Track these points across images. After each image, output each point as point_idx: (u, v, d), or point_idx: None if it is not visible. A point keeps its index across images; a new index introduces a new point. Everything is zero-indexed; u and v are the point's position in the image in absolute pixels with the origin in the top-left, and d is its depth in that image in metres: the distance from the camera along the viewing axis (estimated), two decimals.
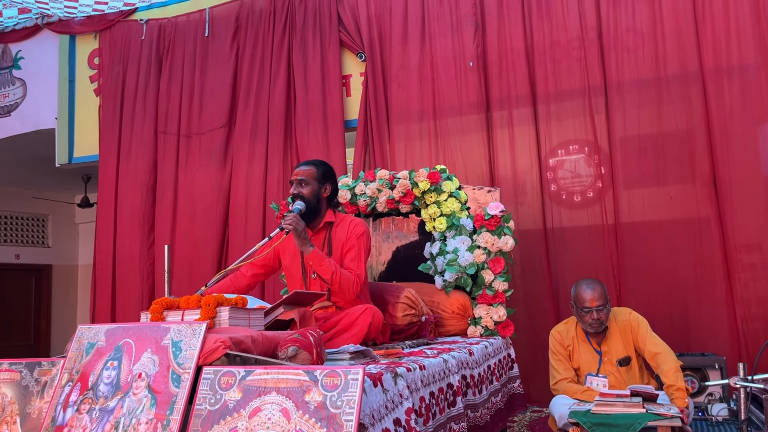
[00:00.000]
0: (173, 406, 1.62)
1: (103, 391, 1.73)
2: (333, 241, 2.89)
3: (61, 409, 1.76)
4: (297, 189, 2.85)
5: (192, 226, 5.17)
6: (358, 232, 2.87)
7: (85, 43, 5.89)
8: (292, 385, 1.55)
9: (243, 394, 1.58)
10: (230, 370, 1.62)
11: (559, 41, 4.41)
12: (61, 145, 5.83)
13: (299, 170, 2.90)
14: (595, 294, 3.10)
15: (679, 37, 4.12)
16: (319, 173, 2.91)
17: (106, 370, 1.76)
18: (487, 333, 3.28)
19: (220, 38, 5.32)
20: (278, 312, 2.27)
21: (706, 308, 3.94)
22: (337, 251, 2.86)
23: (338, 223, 2.93)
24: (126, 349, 1.78)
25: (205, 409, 1.60)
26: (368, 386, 1.64)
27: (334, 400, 1.49)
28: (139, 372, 1.71)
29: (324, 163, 3.01)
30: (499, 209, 3.34)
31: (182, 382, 1.65)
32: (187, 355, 1.69)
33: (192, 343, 1.70)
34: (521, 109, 4.46)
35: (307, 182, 2.87)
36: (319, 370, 1.54)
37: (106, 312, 5.28)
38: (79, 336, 1.89)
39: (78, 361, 1.83)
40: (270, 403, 1.55)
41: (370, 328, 2.55)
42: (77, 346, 1.86)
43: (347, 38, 4.93)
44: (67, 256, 9.19)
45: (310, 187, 2.86)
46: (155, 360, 1.72)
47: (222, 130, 5.18)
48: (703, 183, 4.01)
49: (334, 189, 2.96)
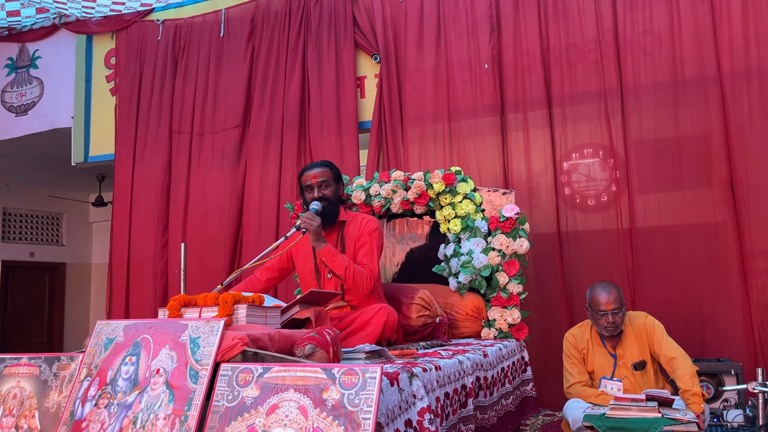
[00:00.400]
0: (191, 402, 1.63)
1: (121, 386, 1.74)
2: (346, 239, 2.90)
3: (80, 404, 1.78)
4: (320, 192, 2.85)
5: (204, 226, 5.20)
6: (370, 228, 2.89)
7: (101, 43, 5.94)
8: (309, 383, 1.55)
9: (260, 391, 1.59)
10: (248, 367, 1.63)
11: (575, 44, 4.40)
12: (77, 144, 5.89)
13: (315, 172, 2.90)
14: (610, 297, 3.09)
15: (697, 39, 4.10)
16: (334, 173, 2.96)
17: (124, 365, 1.78)
18: (500, 335, 3.27)
19: (236, 39, 5.35)
20: (294, 311, 2.28)
21: (722, 313, 3.90)
22: (350, 249, 2.88)
23: (350, 221, 2.96)
24: (144, 344, 1.79)
25: (223, 405, 1.61)
26: (385, 385, 1.65)
27: (352, 398, 1.49)
28: (157, 368, 1.72)
29: (331, 162, 3.04)
30: (514, 211, 3.33)
31: (200, 378, 1.66)
32: (205, 351, 1.70)
33: (210, 340, 1.71)
34: (536, 111, 4.45)
35: (328, 183, 2.89)
36: (337, 368, 1.54)
37: (121, 310, 5.31)
38: (98, 331, 1.90)
39: (96, 356, 1.85)
40: (288, 401, 1.55)
41: (385, 328, 2.56)
42: (96, 342, 1.88)
43: (362, 40, 4.94)
44: (81, 254, 9.27)
45: (331, 188, 2.89)
46: (173, 356, 1.73)
47: (236, 130, 5.21)
48: (720, 187, 3.98)
49: (343, 186, 3.04)
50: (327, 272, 2.87)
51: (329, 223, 2.88)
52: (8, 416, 1.89)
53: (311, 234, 2.69)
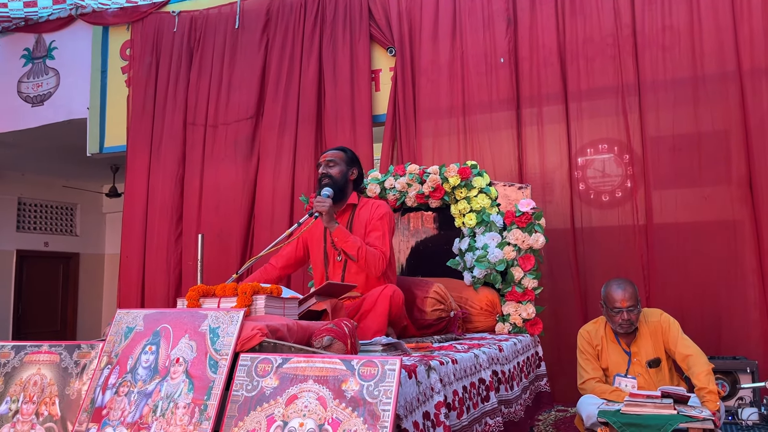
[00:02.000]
0: (210, 392, 1.64)
1: (141, 375, 1.76)
2: (355, 222, 2.93)
3: (100, 392, 1.80)
4: (326, 169, 2.95)
5: (217, 217, 5.22)
6: (381, 212, 2.94)
7: (117, 35, 5.97)
8: (328, 374, 1.56)
9: (280, 381, 1.60)
10: (267, 357, 1.64)
11: (592, 38, 4.37)
12: (92, 134, 5.93)
13: (328, 153, 3.02)
14: (626, 294, 3.07)
15: (718, 35, 4.06)
16: (348, 157, 3.02)
17: (144, 354, 1.79)
18: (515, 330, 3.27)
19: (251, 31, 5.36)
20: (311, 302, 2.29)
21: (738, 311, 3.88)
22: (360, 232, 2.91)
23: (362, 206, 3.00)
24: (164, 334, 1.80)
25: (242, 395, 1.62)
26: (403, 378, 1.65)
27: (371, 389, 1.50)
28: (177, 357, 1.73)
29: (351, 150, 3.10)
30: (530, 206, 3.32)
31: (219, 368, 1.67)
32: (224, 341, 1.71)
33: (230, 330, 1.72)
34: (552, 106, 4.43)
35: (336, 162, 2.96)
36: (356, 360, 1.55)
37: (135, 301, 5.34)
38: (118, 320, 1.92)
39: (117, 344, 1.87)
40: (307, 391, 1.56)
41: (391, 304, 2.58)
42: (116, 330, 1.90)
43: (377, 33, 4.93)
44: (95, 245, 9.35)
45: (338, 168, 2.94)
46: (193, 346, 1.74)
47: (249, 122, 5.22)
48: (739, 184, 3.95)
49: (360, 174, 3.06)
50: (336, 255, 2.91)
51: (333, 200, 2.87)
52: (29, 403, 1.92)
53: (324, 216, 2.71)
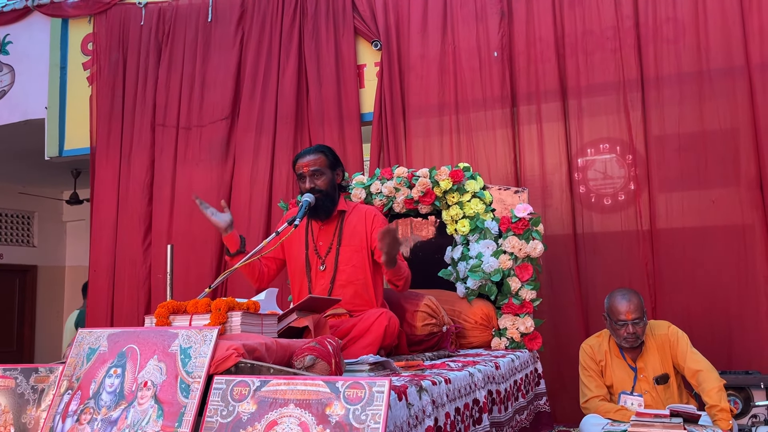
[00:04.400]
0: (182, 418, 1.62)
1: (105, 401, 1.73)
2: (345, 231, 2.92)
3: (60, 419, 1.77)
4: (312, 182, 2.87)
5: (190, 226, 5.16)
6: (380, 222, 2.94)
7: (78, 28, 5.92)
8: (311, 397, 1.55)
9: (258, 405, 1.58)
10: (244, 380, 1.62)
11: (592, 31, 4.40)
12: (51, 136, 5.85)
13: (308, 160, 2.91)
14: (631, 306, 3.09)
15: (724, 28, 4.10)
16: (330, 160, 2.96)
17: (108, 377, 1.77)
18: (512, 345, 3.27)
19: (224, 24, 5.33)
20: (291, 318, 2.27)
21: (750, 322, 3.90)
22: (348, 240, 2.91)
23: (350, 211, 2.99)
24: (130, 355, 1.78)
25: (217, 421, 1.60)
26: (392, 400, 1.64)
27: (358, 414, 1.49)
28: (145, 380, 1.71)
29: (328, 147, 3.06)
30: (527, 211, 3.33)
31: (192, 391, 1.65)
32: (197, 363, 1.69)
33: (202, 351, 1.70)
34: (550, 103, 4.45)
35: (321, 172, 2.90)
36: (341, 382, 1.53)
37: (103, 317, 5.27)
38: (80, 341, 1.89)
39: (78, 367, 1.84)
40: (288, 416, 1.54)
41: (386, 334, 2.57)
42: (77, 352, 1.87)
43: (362, 25, 4.93)
44: (54, 256, 9.23)
45: (325, 177, 2.90)
46: (162, 368, 1.72)
47: (224, 123, 5.18)
48: (748, 186, 3.98)
49: (343, 173, 3.05)
50: (320, 265, 2.91)
51: (324, 216, 2.91)
52: None
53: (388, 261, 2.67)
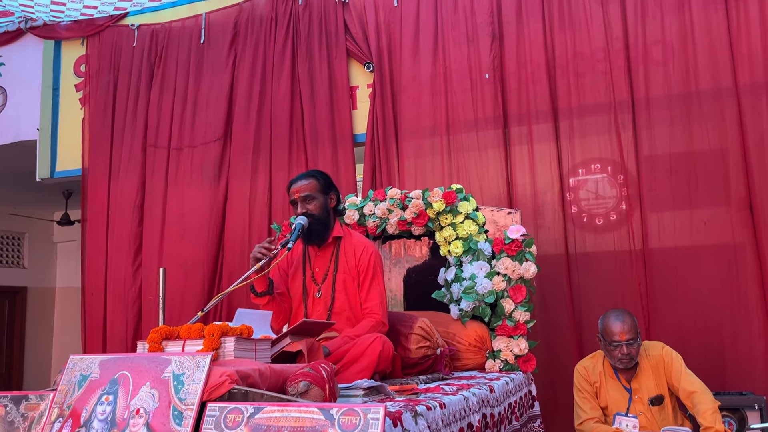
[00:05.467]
0: None
1: (96, 429, 1.71)
2: (340, 259, 2.92)
3: None
4: (303, 208, 2.87)
5: (181, 247, 5.14)
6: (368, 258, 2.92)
7: (71, 49, 5.93)
8: (305, 425, 1.53)
9: None
10: (237, 407, 1.61)
11: (582, 53, 4.44)
12: (42, 157, 5.84)
13: (299, 186, 2.92)
14: (625, 327, 3.10)
15: (712, 51, 4.15)
16: (322, 184, 2.95)
17: (100, 405, 1.75)
18: (506, 367, 3.26)
19: (217, 45, 5.36)
20: (285, 343, 2.26)
21: (743, 343, 3.91)
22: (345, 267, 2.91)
23: (345, 237, 2.99)
24: (122, 382, 1.76)
25: None
26: (388, 426, 1.63)
27: None
28: (137, 408, 1.69)
29: (321, 172, 3.05)
30: (520, 233, 3.34)
31: (185, 419, 1.63)
32: (190, 389, 1.67)
33: (196, 377, 1.69)
34: (541, 124, 4.48)
35: (312, 197, 2.89)
36: (336, 408, 1.52)
37: (98, 341, 5.22)
38: (71, 367, 1.87)
39: (69, 394, 1.82)
40: None
41: (380, 359, 2.55)
42: (68, 378, 1.85)
43: (354, 47, 4.96)
44: (44, 277, 9.17)
45: (316, 202, 2.89)
46: (155, 395, 1.70)
47: (217, 144, 5.18)
48: (739, 207, 4.01)
49: (338, 197, 3.03)
50: (316, 291, 2.90)
51: (317, 240, 2.91)
52: None
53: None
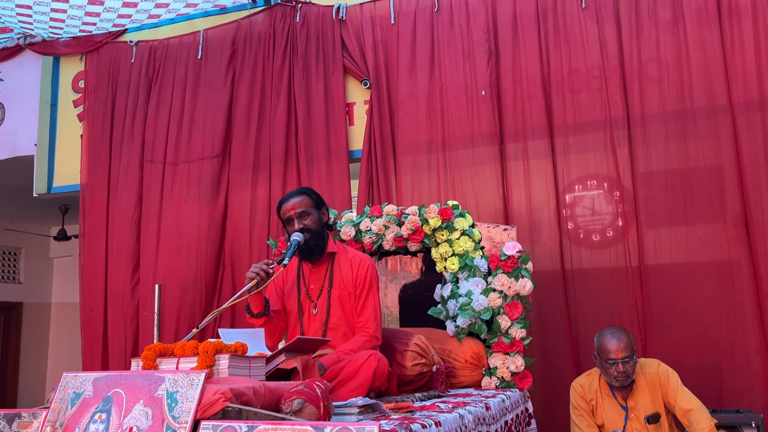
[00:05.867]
0: None
1: None
2: (335, 275, 2.92)
3: None
4: (300, 224, 2.86)
5: (179, 263, 5.14)
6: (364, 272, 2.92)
7: (69, 65, 5.96)
8: None
9: None
10: (231, 425, 1.60)
11: (577, 70, 4.47)
12: (39, 173, 5.85)
13: (292, 203, 2.92)
14: (620, 344, 3.10)
15: (707, 68, 4.18)
16: (314, 200, 2.96)
17: (93, 423, 1.74)
18: (503, 385, 3.25)
19: (215, 62, 5.38)
20: (279, 360, 2.25)
21: (740, 360, 3.91)
22: (340, 283, 2.91)
23: (340, 252, 2.99)
24: (116, 400, 1.75)
25: None
26: None
27: None
28: (130, 426, 1.69)
29: (310, 188, 3.06)
30: (516, 249, 3.34)
31: None
32: (183, 407, 1.67)
33: (189, 395, 1.68)
34: (537, 141, 4.50)
35: (308, 212, 2.90)
36: (330, 427, 1.52)
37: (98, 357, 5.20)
38: (64, 385, 1.87)
39: (62, 413, 1.81)
40: None
41: (375, 376, 2.54)
42: (62, 396, 1.84)
43: (351, 64, 4.99)
44: (40, 293, 9.14)
45: (312, 217, 2.90)
46: (148, 413, 1.69)
47: (215, 160, 5.19)
48: (734, 224, 4.03)
49: (328, 212, 3.05)
50: (312, 308, 2.89)
51: (317, 255, 2.91)
52: None
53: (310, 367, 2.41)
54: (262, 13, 5.34)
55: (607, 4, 4.46)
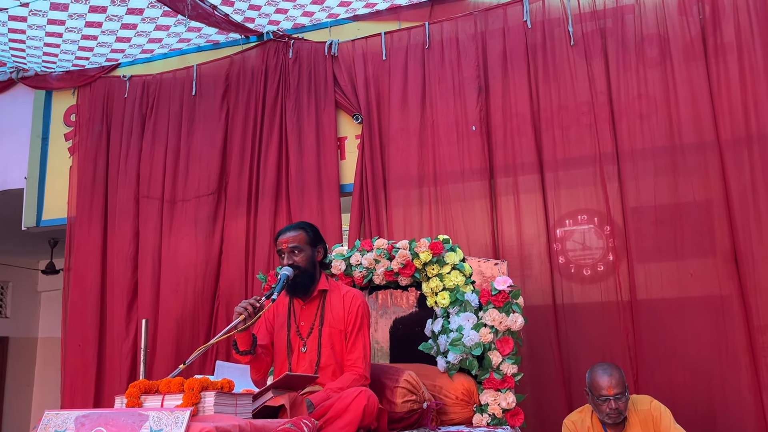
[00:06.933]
0: None
1: None
2: (326, 313, 2.90)
3: None
4: (290, 259, 2.86)
5: (175, 300, 5.08)
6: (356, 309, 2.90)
7: (61, 100, 5.97)
8: None
9: None
10: None
11: (567, 106, 4.52)
12: (29, 206, 5.81)
13: (287, 237, 2.93)
14: (612, 381, 3.08)
15: (694, 104, 4.24)
16: (310, 237, 2.95)
17: None
18: (494, 422, 3.21)
19: (209, 98, 5.40)
20: (267, 397, 2.22)
21: (732, 396, 3.88)
22: (331, 321, 2.88)
23: (332, 290, 2.96)
24: None
25: None
26: None
27: None
28: None
29: (310, 224, 3.05)
30: (507, 284, 3.33)
31: None
32: None
33: None
34: (527, 176, 4.52)
35: (300, 249, 2.90)
36: None
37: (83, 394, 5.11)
38: (45, 423, 1.83)
39: None
40: None
41: (365, 413, 2.50)
42: None
43: (343, 99, 5.03)
44: (27, 327, 9.02)
45: (304, 254, 2.89)
46: None
47: (211, 197, 5.17)
48: (724, 259, 4.04)
49: (325, 250, 3.03)
50: (301, 346, 2.86)
51: (302, 293, 2.89)
52: None
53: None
54: (255, 49, 5.39)
55: (595, 42, 4.54)
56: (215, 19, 4.89)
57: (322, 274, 2.98)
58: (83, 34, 5.09)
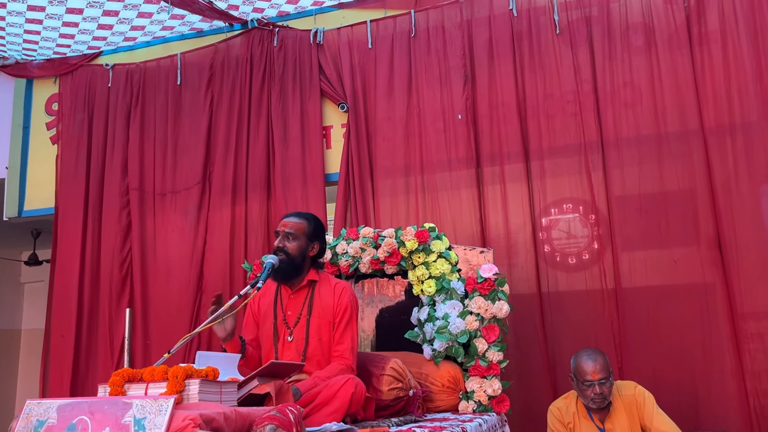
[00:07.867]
0: None
1: None
2: (315, 303, 2.89)
3: None
4: (282, 242, 2.85)
5: (168, 291, 5.06)
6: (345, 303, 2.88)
7: (43, 88, 5.89)
8: None
9: None
10: None
11: (552, 95, 4.53)
12: (10, 196, 5.74)
13: (288, 221, 2.91)
14: (597, 366, 3.10)
15: (679, 93, 4.26)
16: (310, 229, 2.93)
17: None
18: (480, 409, 3.22)
19: (194, 87, 5.35)
20: (252, 385, 2.21)
21: (716, 382, 3.92)
22: (318, 314, 2.87)
23: (321, 281, 2.94)
24: (81, 427, 1.70)
25: None
26: None
27: None
28: None
29: (316, 218, 3.02)
30: (492, 272, 3.34)
31: None
32: None
33: (157, 421, 1.64)
34: (513, 165, 4.53)
35: (295, 236, 2.87)
36: None
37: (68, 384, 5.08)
38: (27, 412, 1.81)
39: None
40: None
41: (352, 401, 2.50)
42: (24, 425, 1.78)
43: (328, 88, 5.00)
44: (10, 319, 8.93)
45: (296, 243, 2.87)
46: None
47: (197, 188, 5.14)
48: (708, 246, 4.07)
49: (321, 248, 2.99)
50: (288, 335, 2.85)
51: (282, 279, 2.88)
52: None
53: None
54: (240, 37, 5.35)
55: (580, 30, 4.54)
56: (199, 6, 4.84)
57: (311, 269, 2.96)
58: (64, 20, 5.02)
